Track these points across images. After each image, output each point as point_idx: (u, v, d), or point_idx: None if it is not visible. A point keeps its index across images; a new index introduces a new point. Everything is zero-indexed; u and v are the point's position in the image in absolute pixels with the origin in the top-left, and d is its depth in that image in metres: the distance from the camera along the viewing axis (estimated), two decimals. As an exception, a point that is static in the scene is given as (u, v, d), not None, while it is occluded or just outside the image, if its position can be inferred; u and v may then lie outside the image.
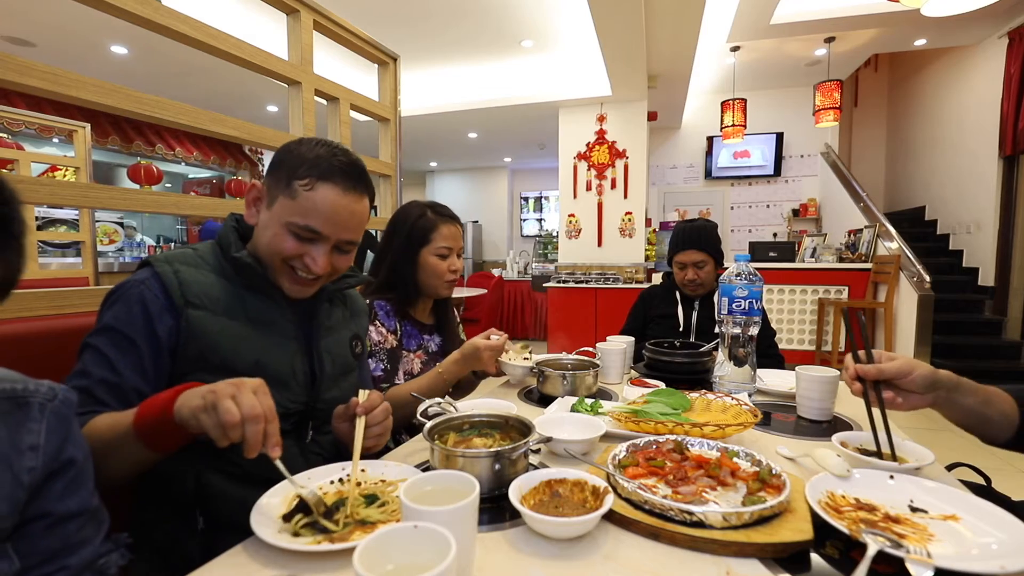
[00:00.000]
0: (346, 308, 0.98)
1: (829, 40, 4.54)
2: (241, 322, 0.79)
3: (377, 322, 1.22)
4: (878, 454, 0.78)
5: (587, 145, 5.08)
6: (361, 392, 0.81)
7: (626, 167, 4.99)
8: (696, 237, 1.73)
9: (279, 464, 0.62)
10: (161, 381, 0.75)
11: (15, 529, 0.48)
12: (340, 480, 0.74)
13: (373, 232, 3.27)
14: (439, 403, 0.94)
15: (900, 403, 0.79)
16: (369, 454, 0.83)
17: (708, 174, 6.34)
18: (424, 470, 0.75)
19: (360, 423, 0.76)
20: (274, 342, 0.82)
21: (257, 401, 0.59)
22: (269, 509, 0.64)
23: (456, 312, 1.47)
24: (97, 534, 0.55)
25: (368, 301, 1.23)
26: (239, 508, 0.72)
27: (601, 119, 5.02)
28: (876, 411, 0.79)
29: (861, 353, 0.81)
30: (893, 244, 4.24)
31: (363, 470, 0.76)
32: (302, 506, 0.61)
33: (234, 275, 0.81)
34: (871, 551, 0.51)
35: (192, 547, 0.75)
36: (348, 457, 0.75)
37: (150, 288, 0.74)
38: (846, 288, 4.50)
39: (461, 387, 1.43)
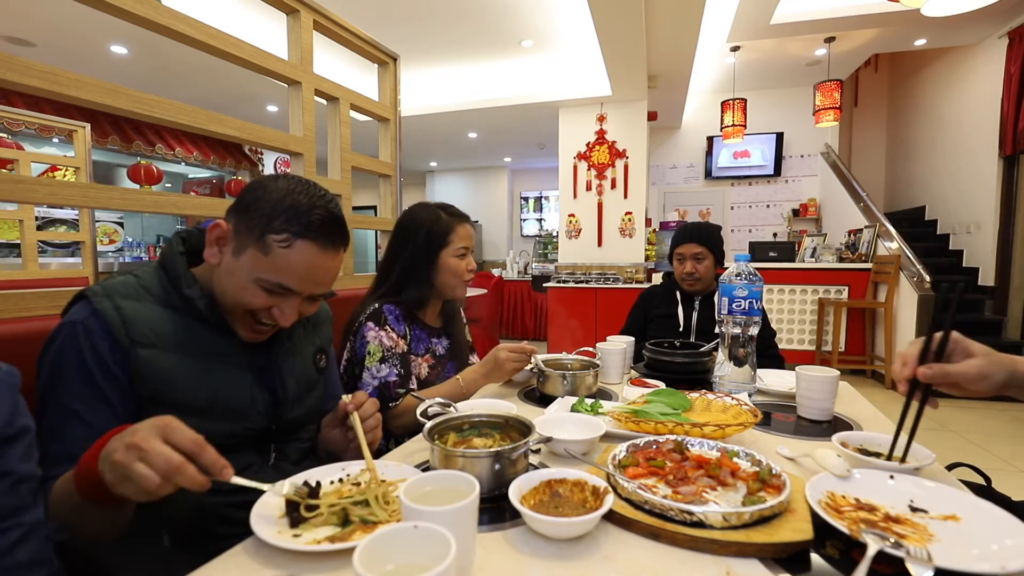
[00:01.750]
0: (308, 321, 0.94)
1: (829, 40, 4.54)
2: (194, 357, 0.75)
3: (388, 327, 1.21)
4: (888, 456, 0.77)
5: (587, 145, 5.08)
6: (344, 396, 0.81)
7: (626, 167, 5.00)
8: (697, 231, 1.77)
9: (241, 481, 0.58)
10: (131, 418, 0.70)
11: None
12: (340, 480, 0.73)
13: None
14: (439, 403, 0.94)
15: (953, 389, 0.68)
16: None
17: (708, 174, 6.34)
18: (424, 470, 0.75)
19: (356, 420, 0.75)
20: (230, 374, 0.79)
21: (169, 451, 0.52)
22: (269, 509, 0.64)
23: (463, 315, 1.46)
24: (40, 501, 0.56)
25: (377, 305, 1.23)
26: (206, 517, 0.73)
27: (601, 119, 5.02)
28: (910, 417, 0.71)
29: (938, 337, 0.68)
30: (893, 244, 4.25)
31: (363, 470, 0.76)
32: (291, 506, 0.61)
33: (183, 307, 0.76)
34: (871, 551, 0.51)
35: (162, 558, 0.73)
36: (324, 462, 0.76)
37: (92, 328, 0.69)
38: (846, 288, 4.51)
39: None
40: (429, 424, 0.78)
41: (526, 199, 9.13)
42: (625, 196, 5.01)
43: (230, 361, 0.80)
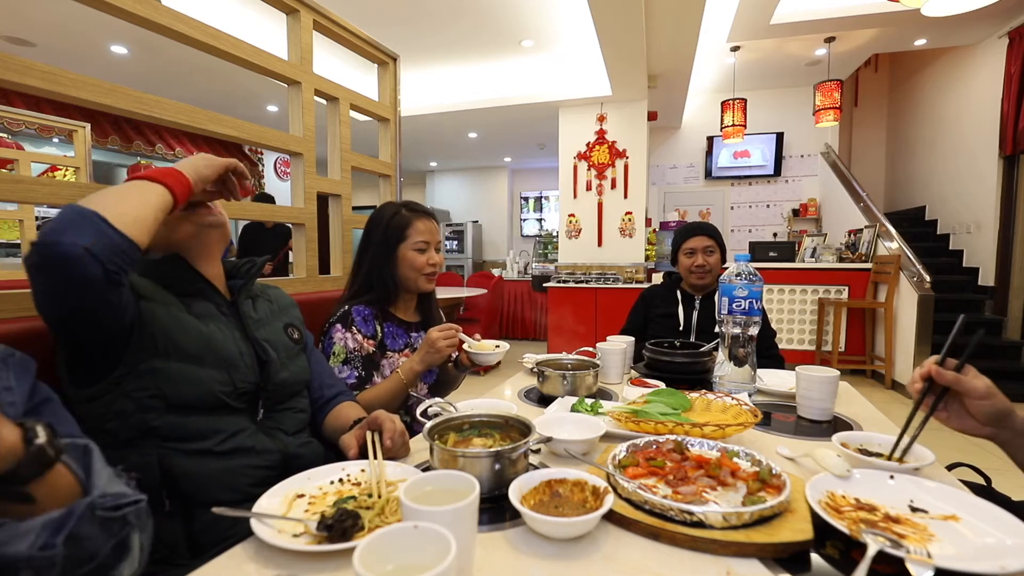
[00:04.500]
0: (271, 303, 1.05)
1: (829, 40, 4.54)
2: (183, 312, 0.85)
3: (354, 328, 1.22)
4: (889, 456, 0.78)
5: (587, 145, 5.08)
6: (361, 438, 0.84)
7: (626, 167, 4.99)
8: (703, 226, 1.81)
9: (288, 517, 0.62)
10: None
11: None
12: (340, 480, 0.74)
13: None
14: (439, 403, 0.95)
15: (949, 419, 0.74)
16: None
17: (708, 174, 6.34)
18: (424, 470, 0.75)
19: (381, 462, 0.77)
20: (218, 327, 0.88)
21: None
22: (269, 509, 0.64)
23: (441, 311, 1.47)
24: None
25: (346, 308, 1.25)
26: (204, 482, 0.79)
27: (601, 119, 5.02)
28: (917, 419, 0.75)
29: (953, 360, 0.74)
30: (893, 244, 4.24)
31: (363, 470, 0.76)
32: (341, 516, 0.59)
33: (168, 285, 0.86)
34: (871, 551, 0.51)
35: (164, 529, 0.76)
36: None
37: None
38: (846, 288, 4.51)
39: (447, 383, 1.42)
40: (429, 424, 0.78)
41: (526, 199, 9.13)
42: (625, 196, 5.01)
43: (216, 320, 0.89)
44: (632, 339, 1.55)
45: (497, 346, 1.24)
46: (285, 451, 0.89)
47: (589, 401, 1.04)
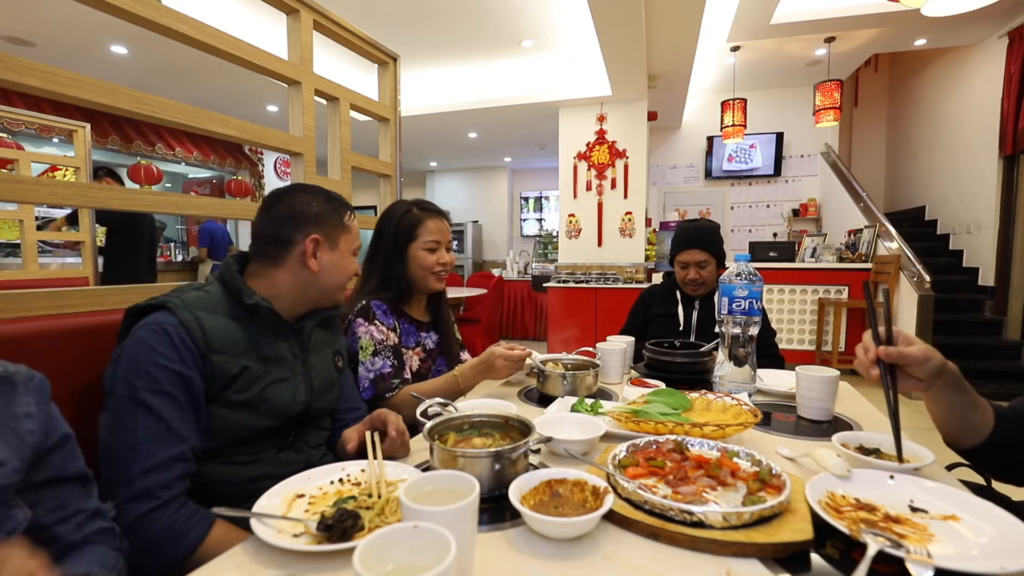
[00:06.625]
0: (327, 329, 1.05)
1: (829, 40, 4.54)
2: (254, 361, 0.85)
3: (377, 321, 1.23)
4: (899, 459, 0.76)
5: (587, 145, 5.08)
6: (361, 436, 0.85)
7: (626, 167, 4.99)
8: (699, 237, 1.72)
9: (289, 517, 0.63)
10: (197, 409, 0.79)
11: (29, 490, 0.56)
12: (340, 480, 0.74)
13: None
14: (439, 403, 0.95)
15: (899, 386, 0.78)
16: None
17: (708, 174, 6.33)
18: (424, 470, 0.75)
19: (381, 462, 0.77)
20: (280, 376, 0.89)
21: None
22: (269, 509, 0.64)
23: (450, 311, 1.47)
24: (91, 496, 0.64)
25: (365, 302, 1.25)
26: (228, 490, 0.81)
27: (601, 119, 5.02)
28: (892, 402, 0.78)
29: (882, 330, 0.78)
30: (893, 244, 4.24)
31: (363, 470, 0.76)
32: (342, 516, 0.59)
33: (246, 318, 0.87)
34: (871, 551, 0.51)
35: None
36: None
37: (182, 335, 0.78)
38: (846, 288, 4.50)
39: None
40: (429, 424, 0.78)
41: (526, 199, 9.12)
42: (625, 196, 5.01)
43: (283, 364, 0.90)
44: (632, 339, 1.55)
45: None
46: (308, 462, 0.90)
47: (589, 401, 1.04)
